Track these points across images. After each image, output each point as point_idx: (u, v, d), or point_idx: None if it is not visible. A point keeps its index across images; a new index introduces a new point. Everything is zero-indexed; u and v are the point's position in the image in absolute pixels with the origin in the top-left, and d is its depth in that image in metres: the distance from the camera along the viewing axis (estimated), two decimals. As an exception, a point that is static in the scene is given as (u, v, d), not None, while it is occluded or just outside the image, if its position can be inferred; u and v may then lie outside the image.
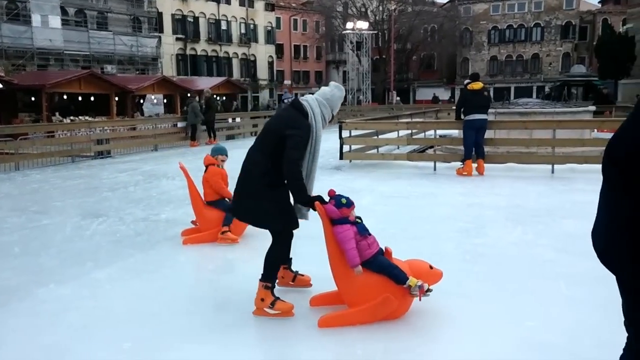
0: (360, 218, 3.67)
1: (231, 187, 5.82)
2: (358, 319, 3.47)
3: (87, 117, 25.21)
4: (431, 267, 3.66)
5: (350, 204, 3.54)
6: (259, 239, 5.57)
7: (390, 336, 3.32)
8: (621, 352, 1.75)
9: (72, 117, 26.35)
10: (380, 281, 3.44)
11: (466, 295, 3.92)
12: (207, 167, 5.71)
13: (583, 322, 3.43)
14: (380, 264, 3.48)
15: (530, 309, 3.67)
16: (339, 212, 3.50)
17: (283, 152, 3.50)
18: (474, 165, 9.52)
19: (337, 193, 3.59)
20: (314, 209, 3.57)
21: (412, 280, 3.43)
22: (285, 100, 9.94)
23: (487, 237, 5.58)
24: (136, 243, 5.64)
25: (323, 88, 3.94)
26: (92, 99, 29.72)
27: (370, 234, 3.59)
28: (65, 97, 29.21)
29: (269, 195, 3.62)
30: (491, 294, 3.97)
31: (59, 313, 3.82)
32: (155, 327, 3.53)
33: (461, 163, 9.74)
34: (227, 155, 5.85)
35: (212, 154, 5.79)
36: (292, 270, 4.16)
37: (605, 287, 3.99)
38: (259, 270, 4.72)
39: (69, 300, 4.07)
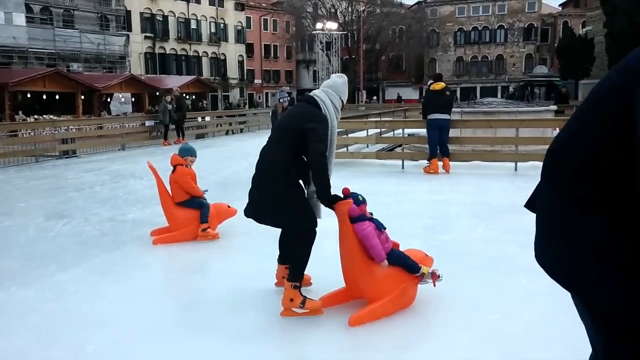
0: (372, 213, 3.71)
1: (208, 186, 5.84)
2: (385, 311, 3.52)
3: (51, 116, 24.60)
4: (426, 255, 3.85)
5: (365, 201, 3.60)
6: (228, 238, 5.58)
7: (351, 332, 3.37)
8: (580, 344, 1.72)
9: (36, 116, 25.69)
10: (398, 273, 3.57)
11: (431, 290, 4.00)
12: (174, 167, 5.65)
13: (543, 315, 3.54)
14: (397, 256, 3.60)
15: (493, 302, 3.78)
16: (359, 210, 3.54)
17: (303, 148, 3.46)
18: (440, 163, 9.68)
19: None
20: (332, 207, 3.50)
21: (424, 269, 3.64)
22: (281, 100, 9.81)
23: (453, 233, 5.69)
24: (102, 244, 5.56)
25: (325, 81, 3.94)
26: (57, 97, 29.04)
27: (385, 228, 3.65)
28: (29, 95, 28.46)
29: (293, 194, 3.54)
30: (456, 288, 4.05)
31: (21, 316, 3.74)
32: (121, 329, 3.49)
33: (427, 161, 9.90)
34: (196, 156, 5.82)
35: (180, 154, 5.72)
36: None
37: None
38: (229, 269, 4.74)
39: (32, 302, 3.98)
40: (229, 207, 5.87)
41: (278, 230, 5.33)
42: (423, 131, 14.42)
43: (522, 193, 6.83)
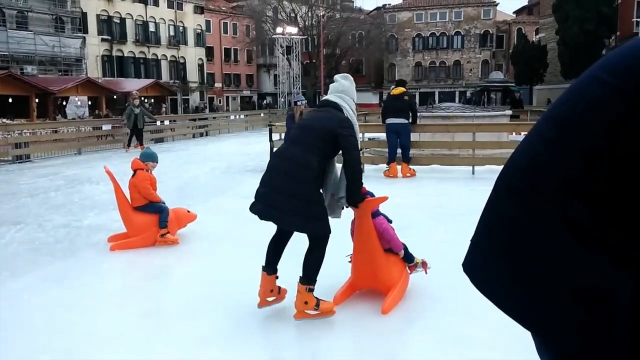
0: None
1: (167, 192, 5.76)
2: (401, 296, 3.90)
3: (4, 120, 23.73)
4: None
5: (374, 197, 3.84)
6: (187, 243, 5.52)
7: (314, 337, 3.39)
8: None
9: (-14, 120, 24.74)
10: (401, 261, 3.99)
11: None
12: (135, 171, 5.55)
13: (503, 317, 3.60)
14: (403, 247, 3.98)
15: (452, 304, 3.84)
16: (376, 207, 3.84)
17: (332, 153, 3.58)
18: (399, 167, 9.83)
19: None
20: (355, 207, 3.66)
21: (417, 259, 4.08)
22: (299, 103, 9.46)
23: (413, 236, 5.74)
24: (56, 250, 5.40)
25: (333, 85, 3.89)
26: (10, 100, 28.07)
27: (392, 221, 4.01)
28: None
29: (321, 199, 3.56)
30: (414, 290, 4.12)
31: (-30, 326, 3.60)
32: (76, 338, 3.41)
33: (387, 165, 10.04)
34: (157, 162, 5.74)
35: (142, 159, 5.63)
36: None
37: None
38: (188, 275, 4.69)
39: (-18, 312, 3.85)
40: (188, 212, 5.81)
41: (238, 235, 5.32)
42: (383, 135, 14.64)
43: (480, 196, 7.01)
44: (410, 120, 9.93)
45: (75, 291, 4.26)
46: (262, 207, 3.51)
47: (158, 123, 21.40)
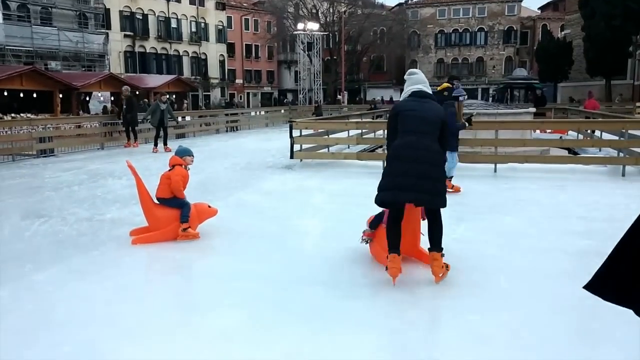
0: None
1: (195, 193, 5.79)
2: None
3: (29, 115, 24.15)
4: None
5: None
6: (207, 238, 5.55)
7: (332, 332, 3.38)
8: (560, 346, 1.57)
9: (13, 115, 25.22)
10: None
11: (411, 291, 4.03)
12: (173, 166, 5.60)
13: (523, 316, 3.58)
14: None
15: (472, 302, 3.80)
16: None
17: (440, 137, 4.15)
18: None
19: None
20: None
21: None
22: (461, 98, 8.83)
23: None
24: (79, 244, 5.47)
25: (417, 77, 4.37)
26: (34, 95, 28.57)
27: None
28: (5, 93, 27.94)
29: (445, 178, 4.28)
30: (434, 288, 4.09)
31: (-4, 317, 3.68)
32: (99, 330, 3.45)
33: None
34: (193, 156, 5.84)
35: (180, 154, 5.70)
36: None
37: (542, 280, 4.22)
38: (208, 269, 4.72)
39: (7, 303, 3.91)
40: (209, 207, 5.84)
41: (258, 230, 5.35)
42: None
43: (501, 194, 6.98)
44: None
45: (97, 284, 4.31)
46: (415, 195, 3.97)
47: (180, 119, 21.27)
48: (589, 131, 13.36)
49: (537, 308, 3.69)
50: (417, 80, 4.31)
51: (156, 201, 5.59)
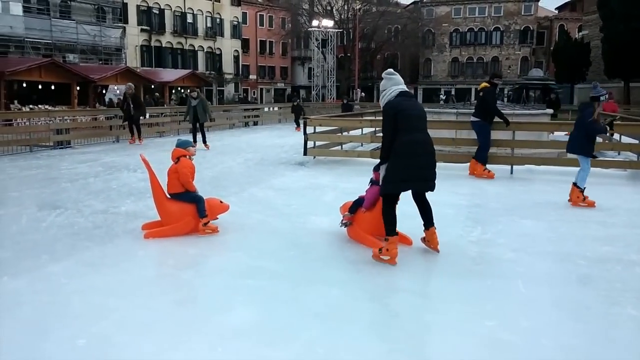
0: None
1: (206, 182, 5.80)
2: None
3: (47, 106, 24.38)
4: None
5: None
6: (219, 234, 5.53)
7: (346, 333, 3.34)
8: (582, 354, 1.45)
9: (31, 106, 25.49)
10: None
11: (427, 294, 3.99)
12: (178, 159, 5.58)
13: (540, 322, 3.50)
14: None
15: (490, 308, 3.73)
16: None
17: None
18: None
19: None
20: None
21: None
22: (602, 98, 8.20)
23: (448, 235, 5.64)
24: (94, 236, 5.49)
25: (398, 78, 4.78)
26: (52, 87, 28.84)
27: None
28: (24, 85, 28.24)
29: None
30: (451, 292, 4.03)
31: (11, 307, 3.68)
32: (112, 324, 3.45)
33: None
34: (194, 146, 5.81)
35: (181, 146, 5.66)
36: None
37: (561, 287, 4.15)
38: (221, 265, 4.70)
39: (23, 294, 3.93)
40: (221, 202, 5.83)
41: (271, 226, 5.36)
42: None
43: (518, 197, 6.89)
44: (480, 118, 9.31)
45: (111, 277, 4.31)
46: (429, 183, 4.69)
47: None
48: (607, 134, 13.15)
49: (558, 315, 3.62)
50: (399, 81, 4.73)
51: (169, 197, 5.58)
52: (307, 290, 4.08)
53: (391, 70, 4.90)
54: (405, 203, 5.02)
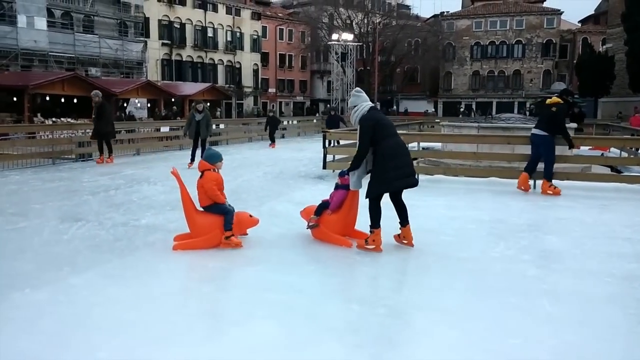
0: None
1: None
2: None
3: (69, 119, 24.87)
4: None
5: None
6: (241, 248, 5.52)
7: (365, 350, 3.29)
8: None
9: (54, 119, 26.01)
10: None
11: (449, 311, 3.90)
12: (202, 172, 5.59)
13: (566, 341, 3.41)
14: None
15: (514, 326, 3.65)
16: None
17: None
18: (538, 182, 9.28)
19: None
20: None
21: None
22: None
23: (470, 251, 5.57)
24: (115, 248, 5.52)
25: (361, 95, 5.50)
26: (75, 101, 29.43)
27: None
28: (48, 98, 28.85)
29: None
30: (474, 309, 3.95)
31: (33, 319, 3.70)
32: (132, 336, 3.44)
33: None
34: (222, 160, 5.76)
35: (208, 160, 5.62)
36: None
37: (587, 305, 4.04)
38: (241, 279, 4.69)
39: (44, 305, 3.95)
40: (250, 216, 5.83)
41: (291, 241, 5.35)
42: (438, 145, 14.33)
43: (542, 212, 6.75)
44: (548, 132, 8.89)
45: (132, 290, 4.32)
46: (412, 179, 5.35)
47: (222, 126, 20.50)
48: (633, 149, 12.92)
49: (585, 334, 3.52)
50: (366, 98, 5.46)
51: (200, 209, 5.59)
52: (326, 305, 4.03)
53: (358, 88, 5.65)
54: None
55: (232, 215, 5.52)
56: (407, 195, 5.56)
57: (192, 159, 12.59)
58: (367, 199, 5.38)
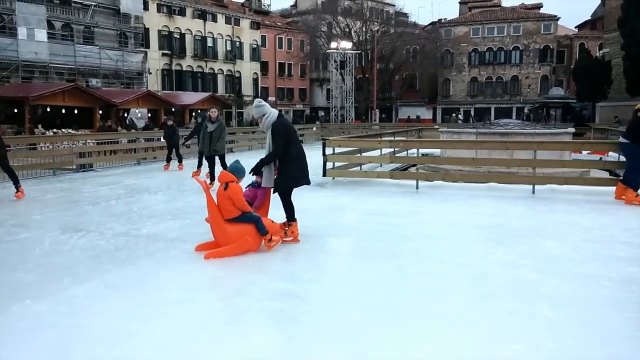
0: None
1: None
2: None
3: (70, 130, 24.94)
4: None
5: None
6: (241, 257, 5.54)
7: (367, 357, 3.29)
8: None
9: (55, 130, 26.10)
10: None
11: (449, 317, 3.91)
12: (226, 184, 5.60)
13: (566, 345, 3.42)
14: None
15: (514, 331, 3.66)
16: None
17: None
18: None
19: None
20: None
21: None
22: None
23: (470, 256, 5.59)
24: (116, 258, 5.54)
25: (264, 105, 6.07)
26: (76, 112, 29.52)
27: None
28: (48, 109, 28.94)
29: None
30: (474, 315, 3.96)
31: (34, 330, 3.71)
32: (134, 347, 3.45)
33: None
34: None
35: (235, 174, 5.73)
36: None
37: (587, 309, 4.05)
38: (242, 287, 4.71)
39: (45, 316, 3.96)
40: (272, 222, 5.89)
41: (291, 249, 5.38)
42: (437, 151, 14.38)
43: (541, 217, 6.76)
44: (630, 140, 8.51)
45: (133, 300, 4.33)
46: (308, 178, 6.24)
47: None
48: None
49: (585, 339, 3.53)
50: (271, 106, 6.15)
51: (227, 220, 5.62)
52: (327, 313, 4.04)
53: (260, 99, 6.36)
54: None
55: (262, 221, 5.67)
56: (405, 200, 5.59)
57: (212, 180, 10.18)
58: (280, 197, 6.12)
